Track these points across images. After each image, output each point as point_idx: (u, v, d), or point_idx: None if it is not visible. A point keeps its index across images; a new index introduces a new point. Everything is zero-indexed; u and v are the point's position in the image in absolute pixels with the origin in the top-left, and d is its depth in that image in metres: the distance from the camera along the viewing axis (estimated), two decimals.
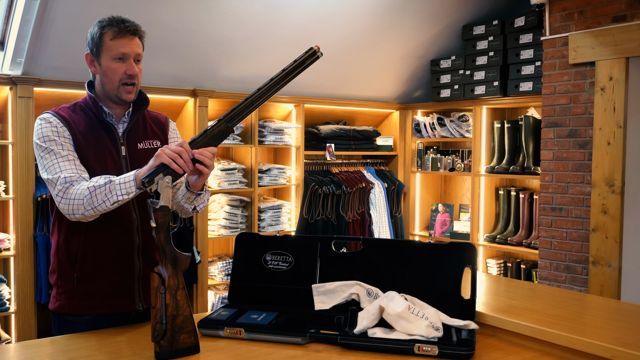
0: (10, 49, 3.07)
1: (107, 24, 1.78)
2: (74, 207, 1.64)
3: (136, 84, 1.81)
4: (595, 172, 3.49)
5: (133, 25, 1.79)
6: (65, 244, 1.77)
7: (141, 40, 1.83)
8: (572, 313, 1.69)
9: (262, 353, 1.50)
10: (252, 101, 1.63)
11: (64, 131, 1.75)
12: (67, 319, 1.78)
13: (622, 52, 3.37)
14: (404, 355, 1.49)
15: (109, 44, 1.77)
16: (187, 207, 1.80)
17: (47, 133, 1.73)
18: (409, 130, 4.99)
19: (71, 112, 1.81)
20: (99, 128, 1.81)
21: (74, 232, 1.76)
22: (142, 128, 1.89)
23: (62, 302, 1.77)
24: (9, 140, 3.14)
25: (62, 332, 1.77)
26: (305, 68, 1.65)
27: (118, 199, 1.62)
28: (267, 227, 4.17)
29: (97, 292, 1.77)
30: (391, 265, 1.79)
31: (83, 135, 1.77)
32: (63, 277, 1.78)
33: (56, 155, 1.70)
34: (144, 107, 1.89)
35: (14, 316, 3.15)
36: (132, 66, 1.78)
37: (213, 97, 3.84)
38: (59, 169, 1.68)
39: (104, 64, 1.78)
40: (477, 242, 4.49)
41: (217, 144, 1.65)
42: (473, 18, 4.56)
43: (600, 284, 3.47)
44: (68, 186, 1.66)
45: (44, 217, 3.15)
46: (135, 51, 1.79)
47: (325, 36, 3.95)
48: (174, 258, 1.51)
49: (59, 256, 1.79)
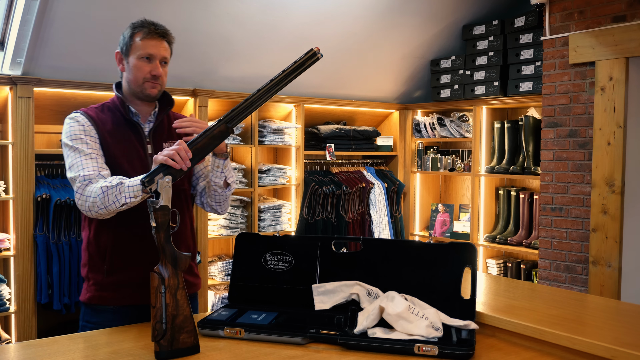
0: (10, 49, 3.07)
1: (138, 25, 1.87)
2: (89, 205, 1.70)
3: (160, 84, 1.88)
4: (595, 172, 3.49)
5: (163, 29, 1.88)
6: (96, 238, 1.84)
7: (170, 45, 1.90)
8: (572, 313, 1.70)
9: (262, 353, 1.50)
10: (252, 102, 1.66)
11: (90, 130, 1.82)
12: (97, 308, 1.85)
13: (622, 52, 3.37)
14: (404, 355, 1.49)
15: (138, 44, 1.84)
16: (219, 181, 1.87)
17: (74, 132, 1.80)
18: (409, 130, 4.99)
19: (99, 112, 1.88)
20: (125, 127, 1.87)
21: (104, 227, 1.82)
22: (167, 128, 1.95)
23: (92, 294, 1.85)
24: (9, 140, 3.14)
25: (89, 321, 1.85)
26: (305, 69, 1.67)
27: (126, 201, 1.65)
28: (267, 227, 4.17)
29: (125, 284, 1.83)
30: (391, 265, 1.79)
31: (110, 134, 1.84)
32: (93, 270, 1.85)
33: (80, 153, 1.77)
34: (169, 108, 1.96)
35: (14, 316, 3.15)
36: (157, 67, 1.85)
37: (213, 97, 3.84)
38: (81, 167, 1.75)
39: (131, 62, 1.85)
40: (477, 242, 4.49)
41: (217, 145, 1.68)
42: (473, 18, 4.56)
43: (600, 284, 3.47)
44: (86, 184, 1.72)
45: (44, 217, 3.15)
46: (162, 54, 1.86)
47: (325, 36, 3.95)
48: (173, 258, 1.52)
49: (90, 250, 1.86)
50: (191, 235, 1.98)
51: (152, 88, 1.86)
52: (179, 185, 1.89)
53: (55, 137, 3.46)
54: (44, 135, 3.43)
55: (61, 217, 3.17)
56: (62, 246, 3.17)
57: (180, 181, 1.89)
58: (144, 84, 1.85)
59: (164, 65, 1.88)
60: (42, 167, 3.36)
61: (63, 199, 3.16)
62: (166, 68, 1.90)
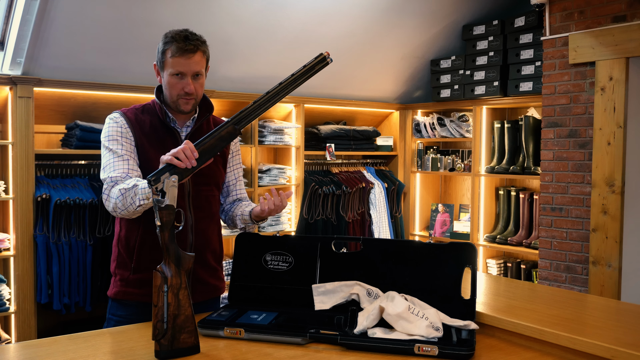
0: (10, 49, 3.07)
1: (169, 40, 1.84)
2: (112, 206, 1.75)
3: (195, 98, 1.89)
4: (595, 172, 3.50)
5: (193, 44, 1.83)
6: (126, 236, 1.90)
7: (204, 54, 1.88)
8: (572, 313, 1.70)
9: (262, 353, 1.50)
10: (261, 104, 1.67)
11: (127, 132, 1.86)
12: (123, 302, 1.91)
13: (622, 52, 3.37)
14: (404, 355, 1.49)
15: (169, 61, 1.84)
16: (239, 224, 2.02)
17: (112, 132, 1.85)
18: (409, 130, 4.99)
19: (138, 113, 1.91)
20: (163, 131, 1.90)
21: (134, 226, 1.88)
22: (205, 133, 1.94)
23: (118, 289, 1.91)
24: (9, 140, 3.14)
25: (114, 314, 1.92)
26: (315, 74, 1.69)
27: (140, 203, 1.68)
28: (267, 227, 4.17)
29: (150, 282, 1.82)
30: (391, 265, 1.79)
31: (147, 136, 1.88)
32: (121, 266, 1.92)
33: (114, 154, 1.81)
34: (209, 114, 1.98)
35: (14, 316, 3.15)
36: (189, 84, 1.85)
37: (213, 97, 3.83)
38: (112, 168, 1.79)
39: (165, 78, 1.88)
40: (477, 242, 4.49)
41: (224, 146, 1.70)
42: (473, 18, 4.56)
43: (600, 284, 3.47)
44: (113, 185, 1.76)
45: (44, 217, 3.15)
46: (193, 70, 1.85)
47: (325, 36, 3.94)
48: (177, 257, 1.53)
49: (119, 247, 1.92)
50: (218, 240, 2.02)
51: (185, 104, 1.88)
52: (209, 190, 1.95)
53: (55, 137, 3.46)
54: (44, 135, 3.43)
55: (61, 217, 3.17)
56: (62, 246, 3.17)
57: (209, 188, 1.94)
58: (178, 101, 1.88)
59: (198, 79, 1.87)
60: (42, 167, 3.36)
61: (63, 199, 3.15)
62: (202, 79, 1.89)
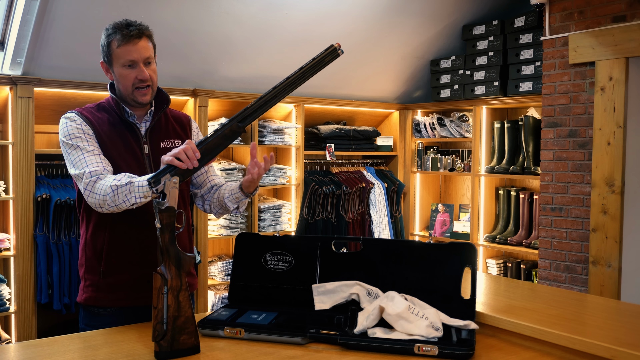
0: (10, 49, 3.07)
1: (111, 32, 1.78)
2: (100, 202, 1.67)
3: (151, 86, 1.83)
4: (595, 172, 3.49)
5: (136, 29, 1.77)
6: (92, 239, 1.82)
7: (150, 39, 1.82)
8: (572, 313, 1.69)
9: (262, 353, 1.50)
10: (267, 101, 1.62)
11: (87, 129, 1.78)
12: (93, 311, 1.84)
13: (622, 52, 3.37)
14: (404, 355, 1.49)
15: (117, 52, 1.78)
16: (231, 205, 1.87)
17: (72, 131, 1.77)
18: (409, 130, 4.99)
19: (94, 112, 1.85)
20: (122, 127, 1.84)
21: (100, 227, 1.80)
22: (164, 127, 1.92)
23: (89, 295, 1.83)
24: (9, 140, 3.14)
25: (88, 324, 1.84)
26: (324, 66, 1.63)
27: (136, 201, 1.63)
28: (267, 227, 4.17)
29: (122, 285, 1.81)
30: (391, 265, 1.79)
31: (106, 134, 1.81)
32: (90, 271, 1.83)
33: (82, 150, 1.74)
34: (166, 106, 1.92)
35: (14, 316, 3.15)
36: (142, 71, 1.79)
37: (213, 97, 3.84)
38: (85, 164, 1.72)
39: (116, 71, 1.81)
40: (477, 242, 4.49)
41: (228, 144, 1.64)
42: (473, 18, 4.56)
43: (600, 284, 3.47)
44: (95, 180, 1.68)
45: (44, 217, 3.15)
46: (143, 55, 1.79)
47: (325, 36, 3.94)
48: (177, 259, 1.51)
49: (87, 250, 1.84)
50: (187, 234, 1.95)
51: (143, 96, 1.81)
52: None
53: (55, 137, 3.46)
54: (44, 135, 3.43)
55: (61, 217, 3.17)
56: (62, 246, 3.17)
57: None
58: (134, 92, 1.81)
59: (149, 65, 1.81)
60: (42, 167, 3.36)
61: (63, 199, 3.16)
62: (153, 65, 1.83)
